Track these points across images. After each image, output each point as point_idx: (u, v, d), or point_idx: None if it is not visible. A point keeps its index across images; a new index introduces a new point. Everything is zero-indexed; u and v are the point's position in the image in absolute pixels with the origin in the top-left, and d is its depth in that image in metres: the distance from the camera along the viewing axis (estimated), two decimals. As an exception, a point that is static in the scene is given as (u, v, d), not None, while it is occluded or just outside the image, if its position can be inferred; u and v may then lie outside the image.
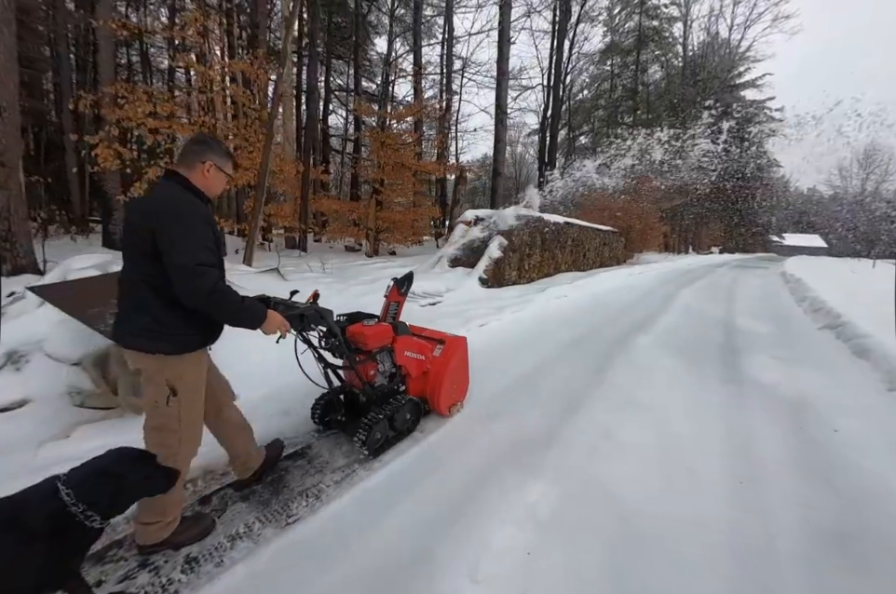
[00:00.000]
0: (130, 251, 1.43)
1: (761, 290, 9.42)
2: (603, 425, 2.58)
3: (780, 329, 5.46)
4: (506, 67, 12.52)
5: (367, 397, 2.25)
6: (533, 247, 8.53)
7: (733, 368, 3.77)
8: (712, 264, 18.60)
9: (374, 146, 10.77)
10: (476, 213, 8.68)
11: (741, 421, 2.75)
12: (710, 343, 4.62)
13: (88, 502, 1.15)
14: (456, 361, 2.58)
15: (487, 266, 7.39)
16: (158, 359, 1.44)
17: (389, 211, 10.72)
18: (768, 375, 3.55)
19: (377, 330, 2.23)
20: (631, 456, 2.26)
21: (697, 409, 2.88)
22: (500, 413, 2.71)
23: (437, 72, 17.60)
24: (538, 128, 19.99)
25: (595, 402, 2.92)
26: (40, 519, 1.09)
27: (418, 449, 2.27)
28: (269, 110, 8.40)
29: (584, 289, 7.78)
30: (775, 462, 2.29)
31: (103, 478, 1.20)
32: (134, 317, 1.43)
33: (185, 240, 1.34)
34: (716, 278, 11.93)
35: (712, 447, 2.41)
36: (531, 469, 2.11)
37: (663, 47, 25.05)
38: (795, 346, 4.59)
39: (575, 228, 10.47)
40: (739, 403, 3.02)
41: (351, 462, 2.15)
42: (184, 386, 1.49)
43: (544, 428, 2.53)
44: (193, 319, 1.45)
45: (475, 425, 2.56)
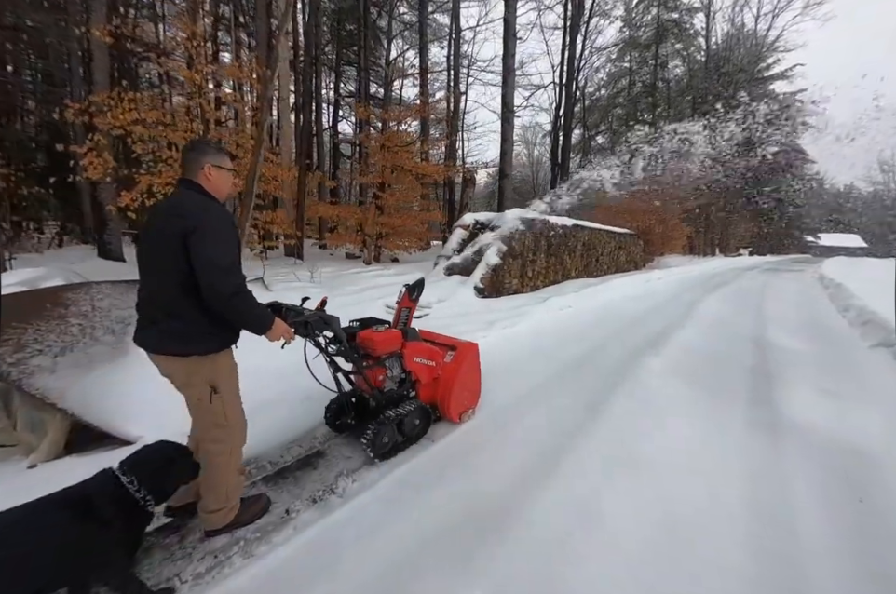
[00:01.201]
0: (155, 257, 1.45)
1: (796, 297, 8.43)
2: (583, 499, 1.91)
3: (822, 347, 4.61)
4: (512, 63, 11.91)
5: (376, 401, 2.29)
6: (537, 252, 7.85)
7: (764, 404, 3.02)
8: (740, 268, 17.36)
9: (373, 149, 10.33)
10: (476, 217, 8.07)
11: (776, 489, 2.03)
12: (735, 366, 3.84)
13: (149, 487, 1.28)
14: (467, 368, 2.58)
15: (484, 274, 6.75)
16: (192, 362, 1.47)
17: (390, 217, 10.23)
18: (812, 416, 2.79)
19: (386, 336, 2.25)
20: (615, 552, 1.60)
21: (714, 470, 2.17)
22: (443, 480, 2.08)
23: (442, 69, 17.15)
24: (551, 127, 19.21)
25: (580, 460, 2.23)
26: (109, 506, 1.20)
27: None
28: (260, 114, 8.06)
29: (593, 298, 7.03)
30: (824, 554, 1.58)
31: (161, 464, 1.35)
32: (162, 322, 1.46)
33: (218, 240, 1.40)
34: (745, 284, 10.91)
35: (733, 533, 1.72)
36: (462, 575, 1.48)
37: (684, 40, 23.89)
38: (844, 372, 3.77)
39: (585, 231, 9.71)
40: (772, 460, 2.29)
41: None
42: (223, 382, 1.55)
43: (499, 503, 1.88)
44: (219, 320, 1.48)
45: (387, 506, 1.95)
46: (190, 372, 1.49)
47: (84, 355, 3.12)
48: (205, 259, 1.36)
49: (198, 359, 1.48)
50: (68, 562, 1.13)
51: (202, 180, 1.53)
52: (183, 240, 1.36)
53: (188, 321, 1.44)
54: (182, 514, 1.79)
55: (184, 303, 1.43)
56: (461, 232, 7.80)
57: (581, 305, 6.36)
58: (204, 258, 1.36)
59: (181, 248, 1.36)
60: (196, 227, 1.36)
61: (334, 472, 2.16)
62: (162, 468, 1.36)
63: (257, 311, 1.51)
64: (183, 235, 1.35)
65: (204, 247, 1.36)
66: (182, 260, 1.37)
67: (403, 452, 2.31)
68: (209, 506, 1.59)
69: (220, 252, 1.39)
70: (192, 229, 1.35)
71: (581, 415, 2.76)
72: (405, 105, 13.98)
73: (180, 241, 1.36)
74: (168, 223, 1.40)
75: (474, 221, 7.94)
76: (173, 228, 1.37)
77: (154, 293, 1.49)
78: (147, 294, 1.51)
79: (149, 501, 1.29)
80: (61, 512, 1.15)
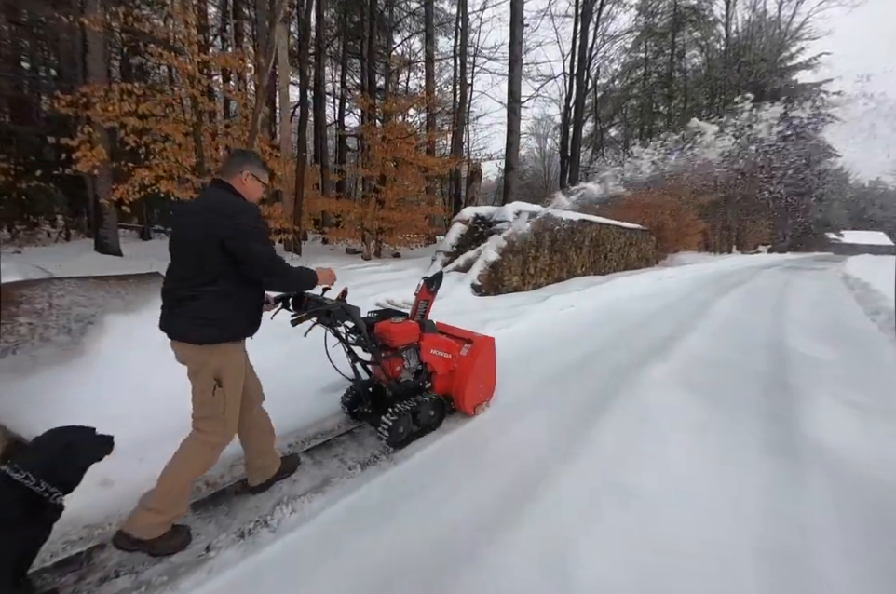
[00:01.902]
0: (188, 249, 1.53)
1: (819, 298, 7.90)
2: (559, 545, 1.58)
3: (850, 354, 4.18)
4: (519, 51, 11.42)
5: (392, 391, 2.31)
6: (540, 248, 7.46)
7: (782, 422, 2.63)
8: (758, 266, 16.69)
9: (372, 141, 10.00)
10: (476, 211, 7.71)
11: (795, 533, 1.68)
12: (750, 375, 3.45)
13: (49, 479, 1.24)
14: (483, 361, 2.59)
15: (482, 271, 6.41)
16: (205, 350, 1.54)
17: (391, 211, 9.91)
18: (838, 439, 2.41)
19: (404, 328, 2.27)
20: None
21: (721, 508, 1.81)
22: (392, 515, 1.76)
23: (447, 57, 16.63)
24: (561, 119, 18.62)
25: (561, 491, 1.89)
26: (12, 507, 1.16)
27: None
28: (253, 105, 7.80)
29: (598, 296, 6.64)
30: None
31: (57, 452, 1.30)
32: (182, 306, 1.53)
33: (260, 237, 1.56)
34: (763, 283, 10.36)
35: (741, 590, 1.38)
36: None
37: (702, 28, 22.96)
38: (876, 384, 3.35)
39: (594, 226, 9.28)
40: (792, 495, 1.93)
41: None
42: (228, 377, 1.60)
43: (458, 549, 1.55)
44: (238, 312, 1.60)
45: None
46: (200, 362, 1.56)
47: (28, 357, 2.89)
48: (254, 255, 1.52)
49: (210, 349, 1.55)
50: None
51: (236, 183, 1.64)
52: (222, 237, 1.46)
53: (206, 310, 1.52)
54: (266, 488, 1.91)
55: (205, 293, 1.52)
56: (460, 226, 7.45)
57: (584, 305, 5.98)
58: (252, 254, 1.51)
59: (216, 243, 1.47)
60: (239, 228, 1.48)
61: (273, 500, 1.88)
62: (59, 456, 1.30)
63: (302, 275, 1.69)
64: (224, 233, 1.47)
65: (251, 245, 1.51)
66: (215, 253, 1.48)
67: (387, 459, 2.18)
68: (150, 500, 1.53)
69: (264, 248, 1.55)
70: (234, 229, 1.48)
71: (571, 434, 2.42)
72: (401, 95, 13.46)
73: (217, 237, 1.46)
74: (206, 220, 1.49)
75: (474, 215, 7.58)
76: (213, 225, 1.48)
77: (179, 282, 1.56)
78: (173, 282, 1.58)
79: (54, 492, 1.25)
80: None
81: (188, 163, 8.15)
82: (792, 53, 27.51)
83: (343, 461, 2.15)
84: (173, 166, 8.05)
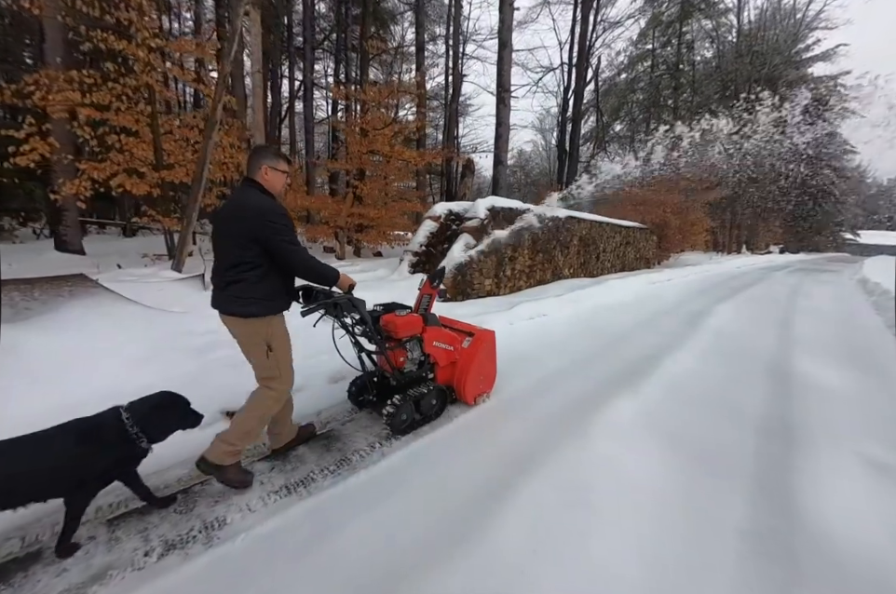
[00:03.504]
0: (229, 238, 1.79)
1: (833, 307, 7.06)
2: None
3: (869, 381, 3.40)
4: (508, 37, 10.60)
5: (396, 381, 2.41)
6: (518, 247, 6.71)
7: (777, 497, 1.89)
8: (768, 267, 15.72)
9: (347, 133, 9.32)
10: (449, 207, 6.98)
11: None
12: (742, 417, 2.70)
13: (140, 426, 1.53)
14: (484, 353, 2.67)
15: (448, 273, 5.69)
16: (251, 323, 1.81)
17: (367, 207, 9.22)
18: (850, 529, 1.66)
19: (407, 320, 2.37)
20: None
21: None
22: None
23: (439, 39, 15.77)
24: (558, 111, 17.71)
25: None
26: (111, 433, 1.49)
27: None
28: (213, 95, 7.14)
29: (578, 303, 5.88)
30: None
31: (152, 410, 1.58)
32: (231, 288, 1.78)
33: (290, 231, 1.80)
34: (770, 287, 9.49)
35: None
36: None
37: (712, 17, 21.85)
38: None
39: (584, 224, 8.50)
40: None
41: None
42: (277, 341, 1.88)
43: None
44: (276, 290, 1.86)
45: None
46: (250, 333, 1.83)
47: None
48: (284, 250, 1.76)
49: (256, 321, 1.81)
50: (63, 478, 1.39)
51: (261, 179, 1.84)
52: (252, 231, 1.71)
53: (249, 290, 1.77)
54: (284, 453, 2.15)
55: (247, 276, 1.77)
56: (430, 224, 6.73)
57: (559, 314, 5.23)
58: (283, 250, 1.76)
59: (248, 235, 1.72)
60: (266, 223, 1.72)
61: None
62: (153, 413, 1.58)
63: (324, 270, 1.89)
64: (254, 228, 1.71)
65: (278, 238, 1.74)
66: (247, 244, 1.73)
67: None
68: (223, 434, 1.81)
69: (289, 240, 1.77)
70: (264, 226, 1.72)
71: (457, 526, 1.70)
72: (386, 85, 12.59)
73: (248, 231, 1.72)
74: (240, 215, 1.75)
75: (447, 211, 6.85)
76: (244, 220, 1.73)
77: (224, 267, 1.81)
78: (219, 267, 1.84)
79: (141, 437, 1.53)
80: (68, 436, 1.42)
81: (144, 156, 7.56)
82: (808, 45, 26.27)
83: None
84: (128, 159, 7.48)
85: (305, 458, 2.12)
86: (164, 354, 3.20)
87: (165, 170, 7.63)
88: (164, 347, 3.24)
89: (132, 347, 3.12)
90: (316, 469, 2.02)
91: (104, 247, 10.73)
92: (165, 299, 4.61)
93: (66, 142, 8.14)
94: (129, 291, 3.94)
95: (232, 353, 3.50)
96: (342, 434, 2.37)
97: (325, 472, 2.00)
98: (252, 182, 1.83)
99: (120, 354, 3.08)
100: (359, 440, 2.30)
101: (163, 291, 5.00)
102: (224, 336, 1.96)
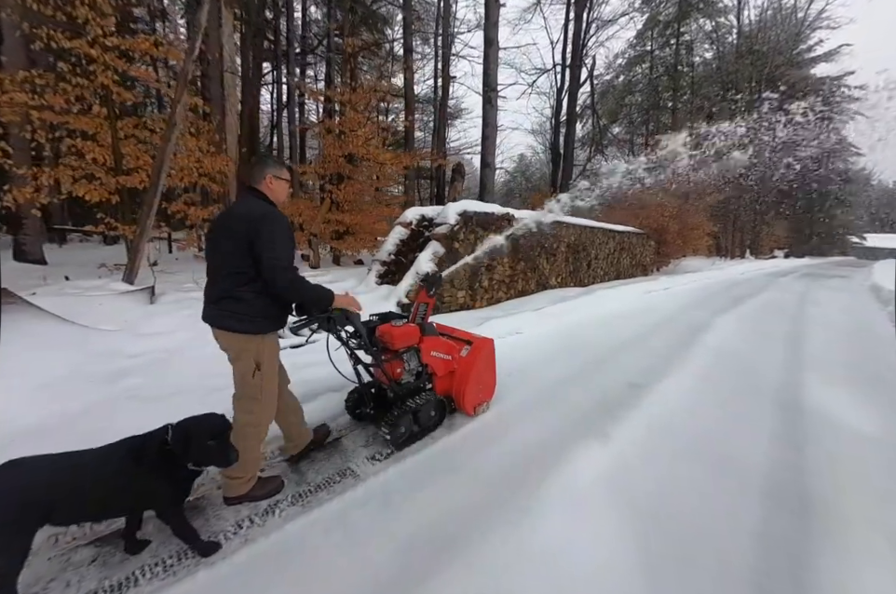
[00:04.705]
0: (223, 250, 1.69)
1: (845, 317, 6.40)
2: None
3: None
4: (494, 35, 10.10)
5: (394, 393, 2.31)
6: (496, 256, 6.13)
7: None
8: (773, 273, 15.05)
9: (322, 134, 8.83)
10: (422, 211, 6.42)
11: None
12: (741, 477, 2.08)
13: (179, 449, 1.41)
14: (483, 362, 2.61)
15: (412, 285, 5.11)
16: (245, 338, 1.71)
17: (343, 213, 8.69)
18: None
19: (404, 331, 2.27)
20: None
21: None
22: None
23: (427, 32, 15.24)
24: (551, 114, 17.20)
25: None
26: (156, 457, 1.39)
27: None
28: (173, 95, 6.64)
29: (561, 317, 5.27)
30: None
31: (186, 437, 1.43)
32: (225, 302, 1.69)
33: (281, 245, 1.65)
34: (776, 295, 8.83)
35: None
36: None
37: (711, 17, 21.38)
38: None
39: (572, 229, 7.91)
40: None
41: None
42: (266, 362, 1.77)
43: None
44: (272, 306, 1.75)
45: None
46: (241, 349, 1.73)
47: None
48: (268, 259, 1.61)
49: (249, 338, 1.71)
50: (118, 499, 1.36)
51: (265, 188, 1.79)
52: (248, 241, 1.61)
53: (244, 304, 1.68)
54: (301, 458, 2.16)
55: (242, 290, 1.67)
56: (400, 231, 6.16)
57: (536, 331, 4.63)
58: (267, 259, 1.61)
59: (244, 246, 1.61)
60: (261, 232, 1.60)
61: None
62: (181, 438, 1.43)
63: (316, 292, 1.77)
64: (249, 237, 1.60)
65: (271, 250, 1.61)
66: (244, 255, 1.63)
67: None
68: (227, 471, 1.74)
69: (280, 254, 1.63)
70: (256, 233, 1.60)
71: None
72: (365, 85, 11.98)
73: (244, 241, 1.61)
74: (236, 225, 1.66)
75: (419, 216, 6.29)
76: (240, 229, 1.63)
77: (218, 279, 1.73)
78: (213, 279, 1.76)
79: (187, 460, 1.43)
80: (120, 457, 1.37)
81: (101, 160, 7.07)
82: (810, 45, 25.75)
83: None
84: (83, 165, 6.99)
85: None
86: (71, 380, 2.84)
87: (124, 176, 7.15)
88: (76, 372, 2.91)
89: (43, 370, 2.82)
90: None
91: (71, 256, 10.23)
92: (101, 315, 4.25)
93: (23, 148, 7.71)
94: (64, 307, 3.60)
95: (146, 382, 2.91)
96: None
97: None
98: (255, 192, 1.79)
99: (26, 378, 2.74)
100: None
101: (102, 306, 4.61)
102: (145, 361, 1.93)
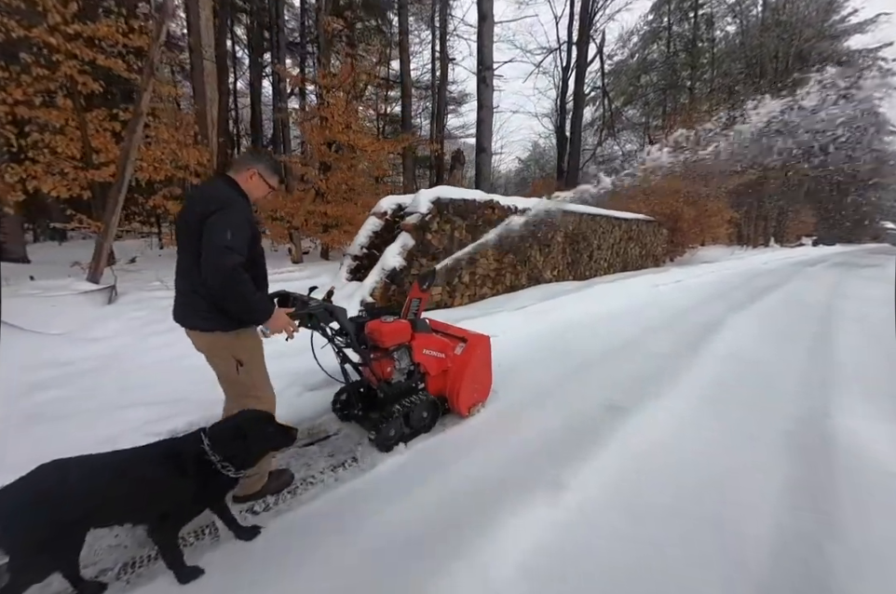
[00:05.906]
0: (186, 239, 1.54)
1: (878, 311, 5.57)
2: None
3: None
4: (488, 8, 9.32)
5: (384, 393, 2.19)
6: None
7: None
8: (800, 262, 13.96)
9: (302, 121, 8.26)
10: (397, 200, 5.80)
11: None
12: (733, 556, 1.46)
13: (222, 455, 1.33)
14: (478, 360, 2.47)
15: (378, 283, 4.55)
16: (217, 337, 1.57)
17: (328, 205, 8.15)
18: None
19: (394, 328, 2.16)
20: None
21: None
22: None
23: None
24: (556, 94, 16.19)
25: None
26: (189, 460, 1.30)
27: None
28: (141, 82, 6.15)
29: (549, 316, 4.63)
30: None
31: (232, 436, 1.36)
32: (191, 299, 1.56)
33: (224, 225, 1.45)
34: (803, 287, 7.95)
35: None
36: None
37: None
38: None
39: (570, 217, 7.20)
40: None
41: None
42: (247, 355, 1.64)
43: None
44: None
45: None
46: (215, 347, 1.60)
47: None
48: (207, 242, 1.42)
49: (222, 335, 1.57)
50: (146, 504, 1.27)
51: (242, 178, 1.63)
52: (202, 223, 1.45)
53: (210, 304, 1.50)
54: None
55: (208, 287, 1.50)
56: (373, 222, 5.58)
57: (517, 333, 4.01)
58: (208, 241, 1.42)
59: (202, 230, 1.45)
60: (214, 212, 1.45)
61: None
62: (234, 439, 1.36)
63: (254, 297, 1.50)
64: (203, 217, 1.45)
65: (212, 229, 1.43)
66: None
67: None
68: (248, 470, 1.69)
69: (225, 236, 1.42)
70: (207, 212, 1.45)
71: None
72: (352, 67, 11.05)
73: (202, 225, 1.45)
74: (198, 207, 1.50)
75: (395, 206, 5.69)
76: (200, 212, 1.47)
77: (184, 271, 1.57)
78: (179, 270, 1.60)
79: (226, 466, 1.32)
80: (153, 462, 1.27)
81: (69, 154, 6.69)
82: (843, 16, 23.80)
83: None
84: (52, 159, 6.62)
85: None
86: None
87: (94, 170, 6.76)
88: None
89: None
90: None
91: (66, 254, 9.97)
92: (49, 317, 4.02)
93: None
94: (9, 308, 3.43)
95: (63, 395, 2.67)
96: None
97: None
98: (227, 178, 1.64)
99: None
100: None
101: (54, 308, 4.36)
102: (76, 370, 1.72)
